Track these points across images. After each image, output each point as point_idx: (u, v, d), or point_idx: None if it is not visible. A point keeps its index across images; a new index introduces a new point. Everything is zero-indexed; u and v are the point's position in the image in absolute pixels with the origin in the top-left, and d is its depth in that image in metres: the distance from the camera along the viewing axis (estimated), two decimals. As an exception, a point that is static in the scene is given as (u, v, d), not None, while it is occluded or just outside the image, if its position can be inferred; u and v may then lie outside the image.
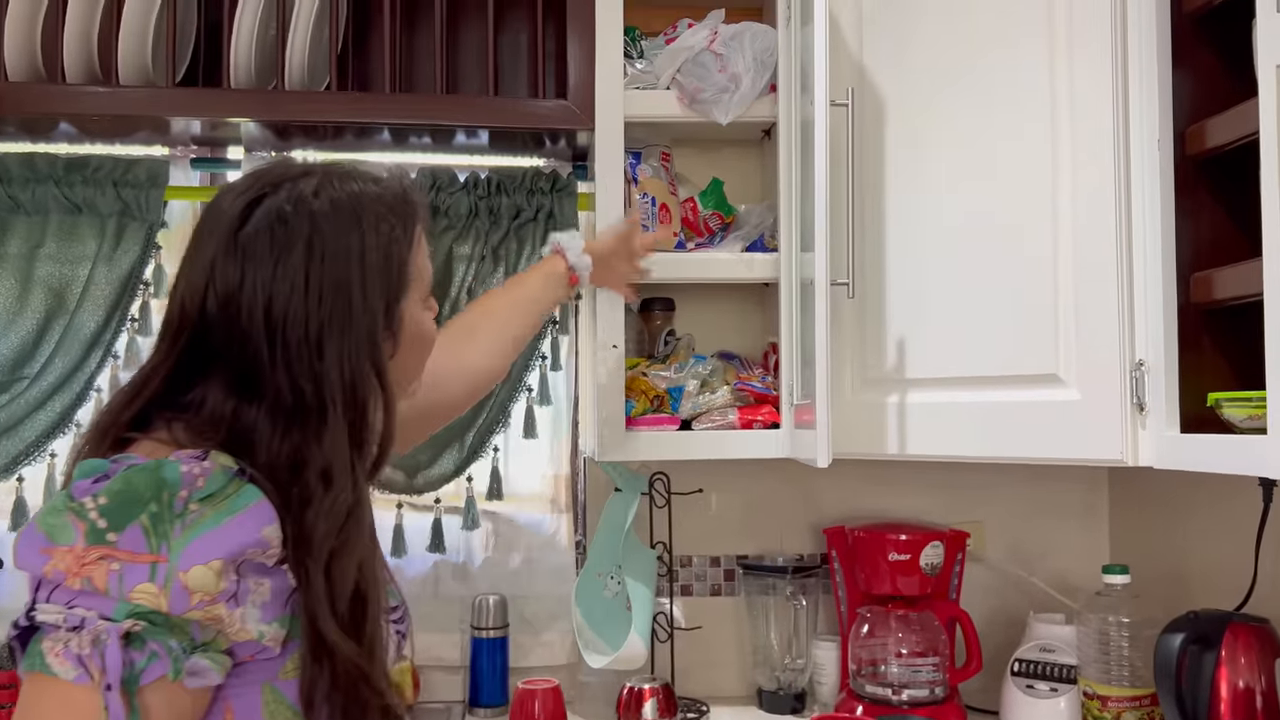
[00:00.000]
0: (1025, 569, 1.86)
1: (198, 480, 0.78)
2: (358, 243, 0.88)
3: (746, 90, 1.61)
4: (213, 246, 0.87)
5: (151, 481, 0.78)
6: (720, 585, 1.87)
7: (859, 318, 1.55)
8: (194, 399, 0.86)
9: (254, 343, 0.84)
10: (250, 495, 0.80)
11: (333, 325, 0.85)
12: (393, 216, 0.91)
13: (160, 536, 0.76)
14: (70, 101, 1.59)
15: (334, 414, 0.84)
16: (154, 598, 0.75)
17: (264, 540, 0.80)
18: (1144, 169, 1.30)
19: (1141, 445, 1.30)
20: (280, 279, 0.85)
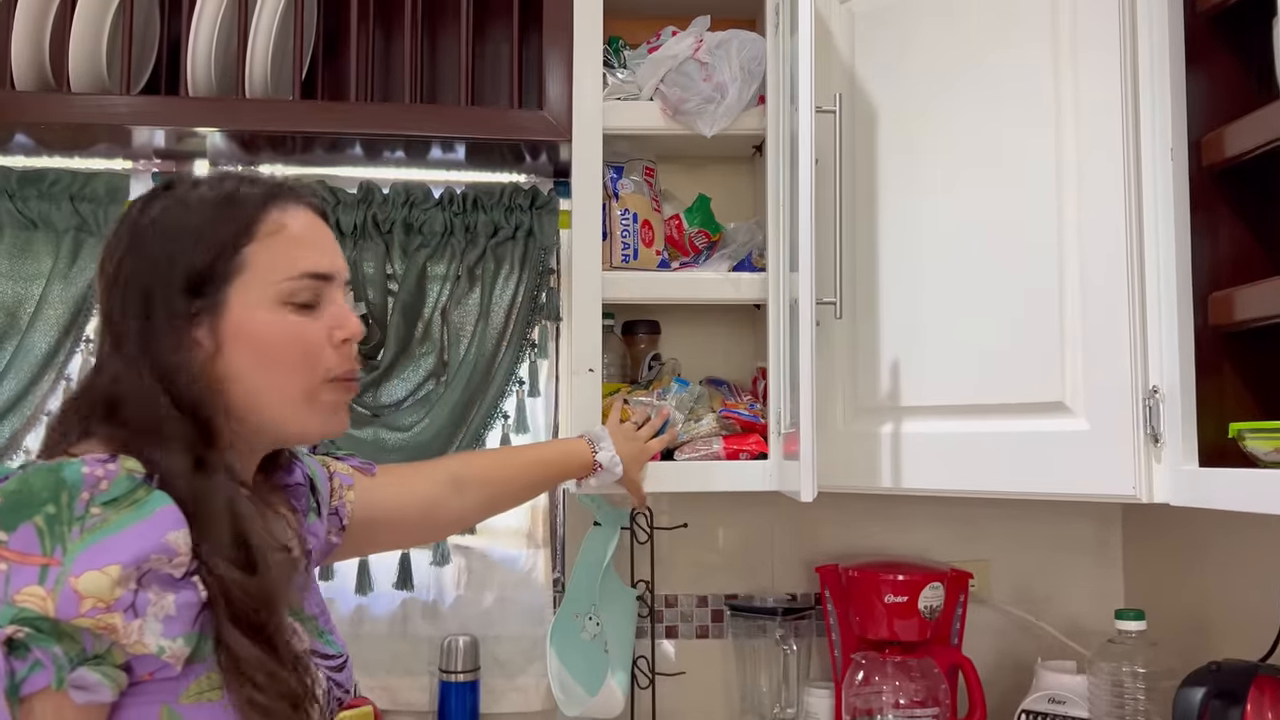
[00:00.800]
0: (1032, 612, 1.74)
1: (100, 483, 0.76)
2: (172, 218, 0.87)
3: (733, 101, 1.52)
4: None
5: (50, 482, 0.75)
6: (707, 627, 1.76)
7: (850, 341, 1.45)
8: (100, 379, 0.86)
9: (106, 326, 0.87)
10: (157, 501, 0.77)
11: (130, 309, 0.85)
12: (225, 199, 0.88)
13: (55, 539, 0.73)
14: (18, 108, 1.51)
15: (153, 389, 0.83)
16: (41, 601, 0.72)
17: (168, 547, 0.76)
18: (1156, 180, 1.21)
19: (1156, 480, 1.20)
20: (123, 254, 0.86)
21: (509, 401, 1.72)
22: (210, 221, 0.87)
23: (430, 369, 1.70)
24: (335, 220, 1.67)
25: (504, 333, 1.71)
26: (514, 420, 1.72)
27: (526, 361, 1.73)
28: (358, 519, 1.14)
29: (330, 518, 1.11)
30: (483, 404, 1.70)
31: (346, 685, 0.98)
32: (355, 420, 1.67)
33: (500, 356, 1.71)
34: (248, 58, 1.54)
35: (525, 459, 1.41)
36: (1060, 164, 1.28)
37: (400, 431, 1.67)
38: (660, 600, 1.75)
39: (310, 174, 1.73)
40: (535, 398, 1.74)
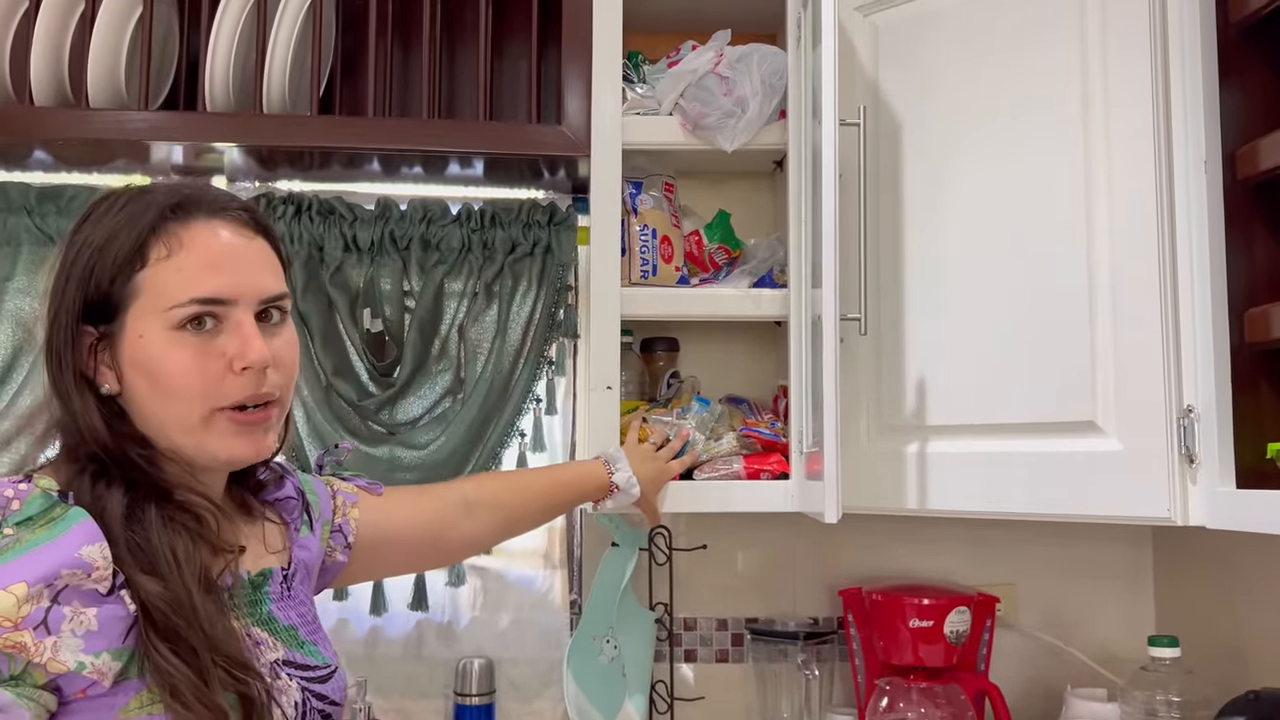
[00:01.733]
0: (1061, 637, 1.70)
1: (12, 503, 0.76)
2: (79, 237, 0.86)
3: (754, 115, 1.50)
4: None
5: None
6: (727, 651, 1.72)
7: (874, 358, 1.42)
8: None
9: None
10: (73, 517, 0.77)
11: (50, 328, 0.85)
12: (121, 219, 0.85)
13: None
14: (37, 124, 1.51)
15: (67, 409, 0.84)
16: None
17: (83, 561, 0.75)
18: (1190, 194, 1.18)
19: (1192, 502, 1.16)
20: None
21: (526, 419, 1.70)
22: (108, 243, 0.84)
23: (447, 386, 1.69)
24: (353, 236, 1.66)
25: (521, 350, 1.69)
26: (531, 438, 1.70)
27: (544, 379, 1.71)
28: (365, 538, 1.12)
29: (334, 535, 1.10)
30: (499, 422, 1.68)
31: (334, 696, 0.96)
32: (371, 438, 1.66)
33: (517, 374, 1.69)
34: (266, 73, 1.53)
35: (540, 482, 1.39)
36: (1090, 177, 1.25)
37: (416, 450, 1.65)
38: (679, 623, 1.72)
39: (328, 189, 1.72)
40: (552, 415, 1.72)
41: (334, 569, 1.11)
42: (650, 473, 1.42)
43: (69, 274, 0.85)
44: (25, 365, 1.62)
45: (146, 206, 0.85)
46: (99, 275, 0.83)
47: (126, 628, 0.77)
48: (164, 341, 0.84)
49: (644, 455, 1.44)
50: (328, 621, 1.66)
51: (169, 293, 0.84)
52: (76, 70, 1.53)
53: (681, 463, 1.47)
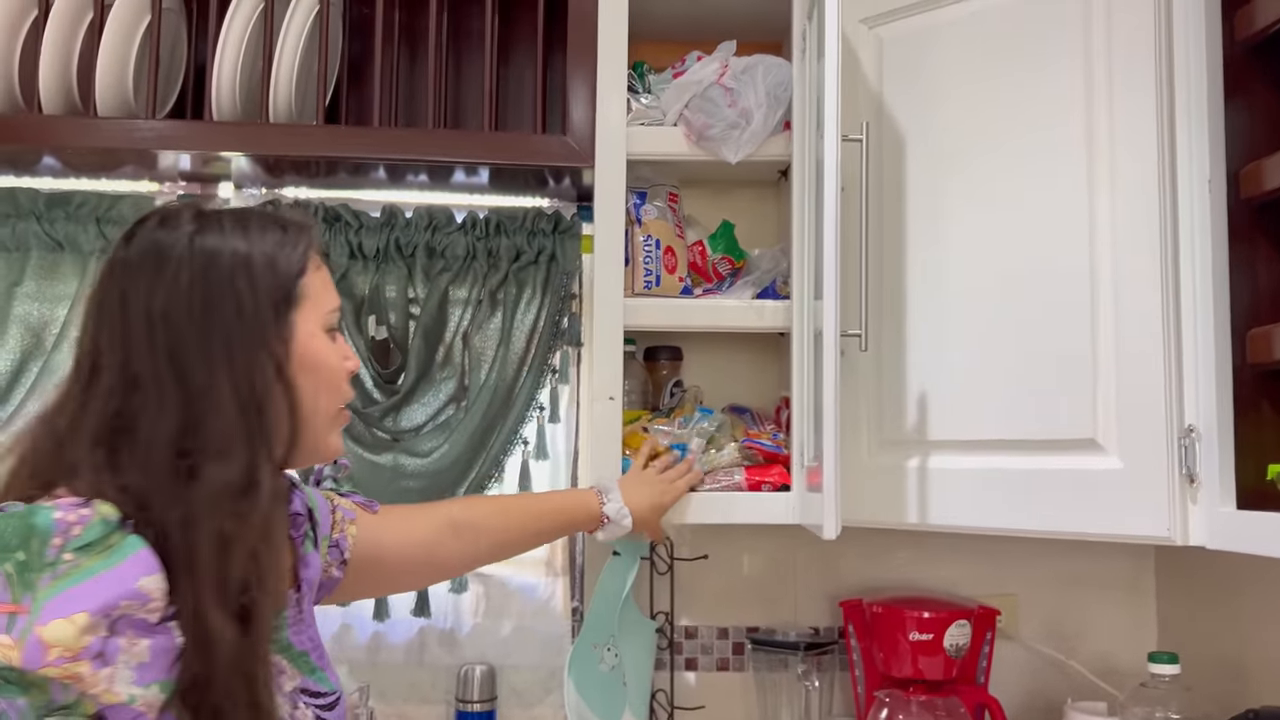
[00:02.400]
0: (1062, 650, 1.70)
1: (73, 528, 0.74)
2: (241, 246, 0.88)
3: (758, 127, 1.50)
4: (97, 283, 0.88)
5: (20, 528, 0.74)
6: (728, 660, 1.72)
7: (876, 372, 1.42)
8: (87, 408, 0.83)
9: (136, 340, 0.83)
10: (131, 546, 0.76)
11: (218, 318, 0.85)
12: (280, 232, 0.91)
13: (25, 586, 0.72)
14: (45, 132, 1.52)
15: (220, 392, 0.83)
16: (7, 650, 0.71)
17: (141, 593, 0.75)
18: (1193, 213, 1.18)
19: (1192, 522, 1.16)
20: (159, 281, 0.85)
21: (529, 427, 1.71)
22: (276, 251, 0.89)
23: (451, 394, 1.69)
24: (358, 243, 1.67)
25: (525, 358, 1.70)
26: (534, 446, 1.71)
27: (547, 387, 1.72)
28: (360, 555, 1.13)
29: (331, 550, 1.10)
30: (503, 429, 1.68)
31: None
32: (375, 446, 1.66)
33: (521, 382, 1.70)
34: (272, 82, 1.54)
35: (528, 510, 1.37)
36: (1093, 194, 1.24)
37: (419, 457, 1.66)
38: (681, 631, 1.72)
39: (334, 197, 1.73)
40: (556, 423, 1.73)
41: (329, 585, 1.11)
42: (647, 499, 1.40)
43: (246, 281, 0.86)
44: (34, 369, 1.63)
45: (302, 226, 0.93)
46: (280, 278, 0.89)
47: (173, 659, 0.77)
48: (323, 340, 0.92)
49: (642, 480, 1.42)
50: (330, 627, 1.68)
51: (325, 298, 0.93)
52: (85, 78, 1.54)
53: (686, 482, 1.46)
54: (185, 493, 0.80)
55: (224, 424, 0.83)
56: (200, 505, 0.80)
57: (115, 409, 0.82)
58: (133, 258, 0.86)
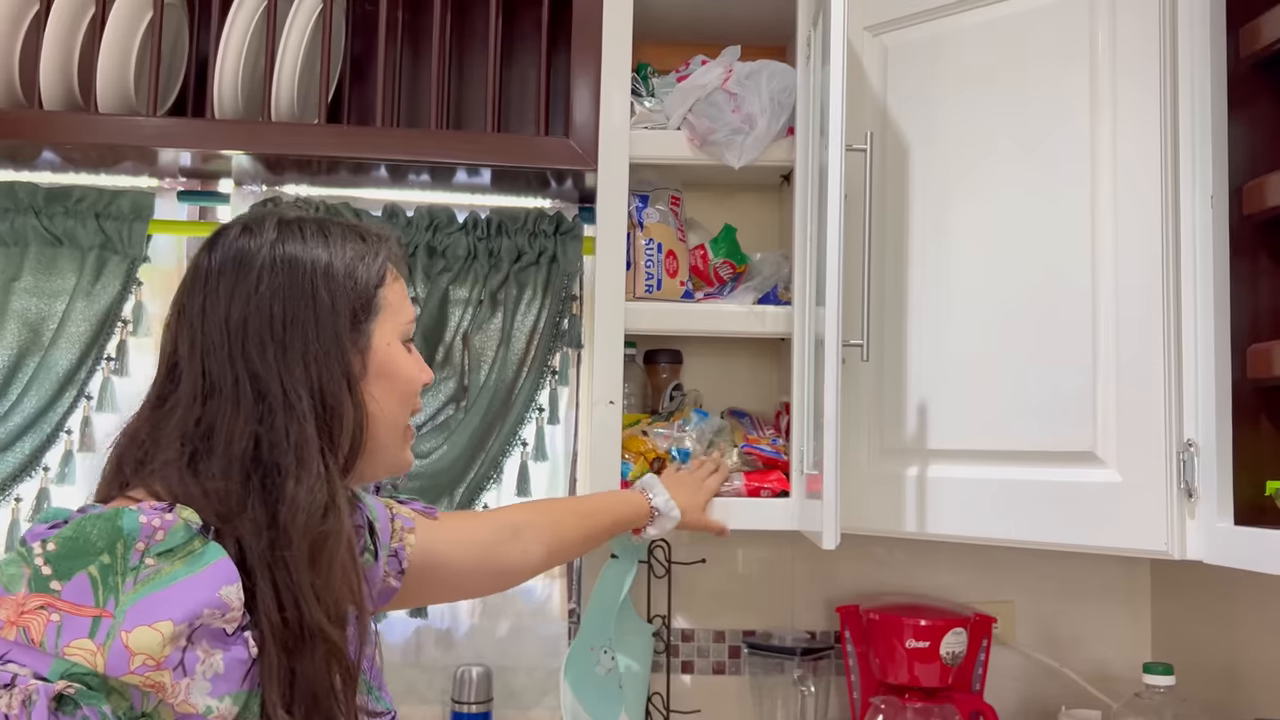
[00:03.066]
0: (1057, 656, 1.70)
1: (157, 533, 0.74)
2: (322, 255, 0.88)
3: (761, 132, 1.50)
4: (181, 286, 0.89)
5: (107, 530, 0.73)
6: (724, 663, 1.73)
7: (876, 380, 1.42)
8: (165, 413, 0.84)
9: (216, 347, 0.84)
10: (212, 553, 0.76)
11: (296, 324, 0.85)
12: (361, 243, 0.92)
13: (109, 590, 0.72)
14: (45, 128, 1.51)
15: (301, 406, 0.83)
16: (91, 656, 0.70)
17: (222, 602, 0.75)
18: (1195, 228, 1.18)
19: (1190, 537, 1.17)
20: (240, 288, 0.86)
21: (528, 428, 1.70)
22: (356, 262, 0.90)
23: (450, 394, 1.69)
24: (358, 243, 1.66)
25: (525, 359, 1.69)
26: (533, 447, 1.70)
27: (547, 388, 1.71)
28: (417, 563, 1.12)
29: (390, 560, 1.09)
30: (502, 431, 1.68)
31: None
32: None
33: (521, 383, 1.69)
34: (274, 80, 1.53)
35: (584, 507, 1.39)
36: (1096, 207, 1.24)
37: (418, 458, 1.65)
38: (677, 634, 1.72)
39: (335, 195, 1.73)
40: (555, 425, 1.72)
41: (386, 595, 1.10)
42: (687, 495, 1.43)
43: (327, 289, 0.87)
44: (31, 365, 1.62)
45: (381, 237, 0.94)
46: (360, 287, 0.89)
47: (245, 671, 0.77)
48: (399, 349, 0.93)
49: (678, 480, 1.45)
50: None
51: (402, 309, 0.94)
52: (86, 74, 1.53)
53: (718, 478, 1.48)
54: (268, 503, 0.80)
55: (302, 434, 0.83)
56: (286, 516, 0.80)
57: (195, 416, 0.83)
58: (215, 266, 0.87)
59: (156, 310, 1.71)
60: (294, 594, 0.79)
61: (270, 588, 0.78)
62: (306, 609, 0.79)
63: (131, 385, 1.68)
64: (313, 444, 0.83)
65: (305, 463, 0.82)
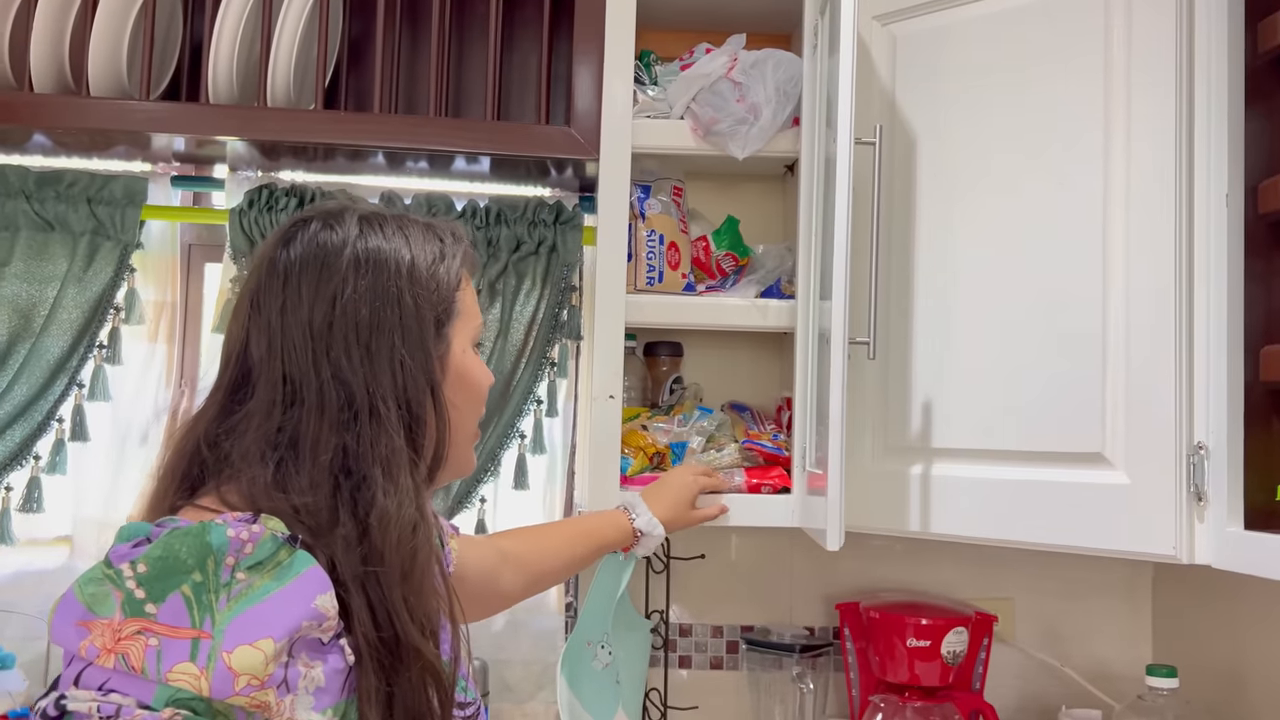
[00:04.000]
0: (1057, 655, 1.69)
1: (245, 546, 0.72)
2: (405, 255, 0.86)
3: (766, 123, 1.47)
4: (254, 278, 0.86)
5: (196, 547, 0.71)
6: (721, 658, 1.71)
7: (881, 376, 1.40)
8: (241, 418, 0.81)
9: (298, 351, 0.81)
10: (302, 562, 0.74)
11: (382, 328, 0.83)
12: (440, 243, 0.90)
13: (204, 609, 0.69)
14: (36, 111, 1.48)
15: (387, 413, 0.81)
16: (195, 680, 0.68)
17: (318, 612, 0.73)
18: (1209, 227, 1.16)
19: (1198, 541, 1.15)
20: (324, 289, 0.83)
21: (526, 420, 1.68)
22: (437, 264, 0.88)
23: (447, 385, 1.66)
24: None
25: (523, 350, 1.67)
26: (531, 440, 1.68)
27: (545, 380, 1.69)
28: (456, 573, 1.09)
29: None
30: (499, 423, 1.66)
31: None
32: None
33: (519, 375, 1.67)
34: (270, 64, 1.50)
35: (563, 535, 1.37)
36: (1108, 204, 1.22)
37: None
38: (675, 629, 1.71)
39: (331, 181, 1.70)
40: (553, 417, 1.70)
41: None
42: (668, 505, 1.40)
43: (407, 289, 0.84)
44: (22, 351, 1.59)
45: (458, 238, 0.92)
46: (442, 291, 0.87)
47: (344, 680, 0.75)
48: (473, 355, 0.92)
49: (660, 494, 1.42)
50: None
51: (475, 312, 0.93)
52: (77, 56, 1.50)
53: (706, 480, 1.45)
54: (358, 517, 0.78)
55: (391, 445, 0.80)
56: (377, 532, 0.78)
57: (277, 424, 0.80)
58: (294, 261, 0.84)
59: (150, 297, 1.68)
60: (388, 610, 0.77)
61: (365, 606, 0.76)
62: (401, 626, 0.77)
63: (124, 373, 1.65)
64: (401, 455, 0.81)
65: (394, 475, 0.80)
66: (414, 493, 0.81)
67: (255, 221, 1.61)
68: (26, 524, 1.62)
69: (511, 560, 1.26)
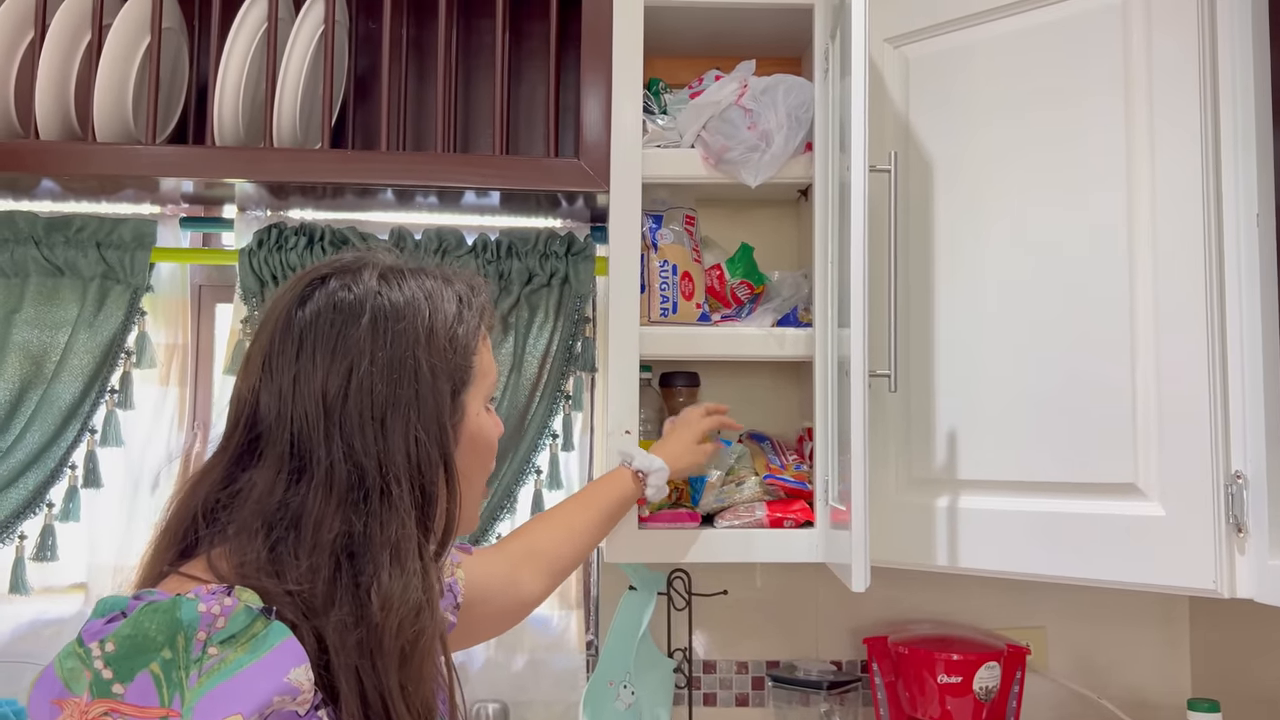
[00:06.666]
0: (1094, 685, 1.64)
1: (217, 620, 0.70)
2: (425, 324, 0.83)
3: (778, 150, 1.45)
4: (266, 335, 0.83)
5: (165, 623, 0.69)
6: (747, 695, 1.67)
7: (904, 407, 1.37)
8: (243, 486, 0.79)
9: (309, 421, 0.78)
10: (276, 634, 0.72)
11: (398, 403, 0.80)
12: (460, 305, 0.87)
13: (173, 686, 0.68)
14: (42, 160, 1.47)
15: (399, 493, 0.78)
16: None
17: (291, 686, 0.71)
18: (1240, 247, 1.12)
19: (1240, 574, 1.11)
20: (339, 357, 0.80)
21: (542, 455, 1.65)
22: (456, 325, 0.85)
23: (462, 422, 1.64)
24: (365, 268, 1.62)
25: (538, 384, 1.65)
26: (547, 475, 1.65)
27: (560, 414, 1.66)
28: (468, 600, 1.09)
29: (445, 595, 1.06)
30: (515, 458, 1.64)
31: None
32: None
33: (533, 409, 1.65)
34: (276, 103, 1.49)
35: (569, 508, 1.33)
36: (1133, 228, 1.19)
37: (429, 489, 1.61)
38: (699, 666, 1.67)
39: (340, 219, 1.68)
40: (569, 451, 1.67)
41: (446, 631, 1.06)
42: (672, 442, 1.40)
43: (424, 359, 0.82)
44: (34, 398, 1.58)
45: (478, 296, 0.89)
46: (460, 354, 0.85)
47: None
48: (486, 417, 0.90)
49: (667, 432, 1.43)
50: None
51: (490, 369, 0.91)
52: (83, 102, 1.49)
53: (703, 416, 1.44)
54: (357, 600, 0.75)
55: (402, 528, 0.78)
56: (378, 617, 0.75)
57: (280, 497, 0.77)
58: (309, 324, 0.81)
59: (161, 340, 1.67)
60: (381, 697, 0.74)
61: (356, 693, 0.74)
62: (395, 714, 0.74)
63: (136, 417, 1.64)
64: (409, 539, 0.78)
65: (401, 559, 0.77)
66: (422, 574, 0.78)
67: (265, 261, 1.59)
68: (41, 572, 1.61)
69: (525, 560, 1.22)
